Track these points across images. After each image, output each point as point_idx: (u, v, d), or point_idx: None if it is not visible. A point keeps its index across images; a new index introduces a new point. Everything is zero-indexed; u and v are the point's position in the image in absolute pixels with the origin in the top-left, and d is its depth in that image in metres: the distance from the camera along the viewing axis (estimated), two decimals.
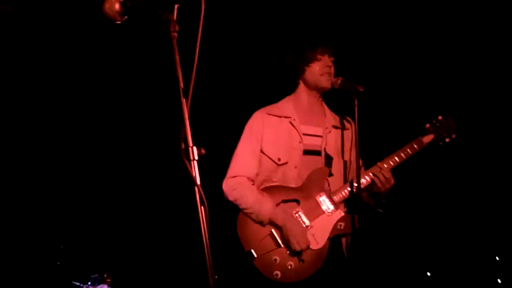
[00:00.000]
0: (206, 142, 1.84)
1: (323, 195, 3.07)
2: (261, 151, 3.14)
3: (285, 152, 3.12)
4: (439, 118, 3.18)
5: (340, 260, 3.11)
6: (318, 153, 3.16)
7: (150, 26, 1.93)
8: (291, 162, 3.11)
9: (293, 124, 3.17)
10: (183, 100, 1.75)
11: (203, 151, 1.75)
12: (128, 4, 1.84)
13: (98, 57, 4.17)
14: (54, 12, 3.78)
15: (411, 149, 3.10)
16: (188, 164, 1.71)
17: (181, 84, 1.76)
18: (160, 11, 1.80)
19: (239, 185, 3.08)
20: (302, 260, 2.97)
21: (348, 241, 3.16)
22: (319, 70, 3.12)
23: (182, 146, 1.73)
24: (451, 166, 4.35)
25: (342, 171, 3.19)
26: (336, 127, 3.25)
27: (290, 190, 3.08)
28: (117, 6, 1.85)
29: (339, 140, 3.23)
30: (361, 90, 2.92)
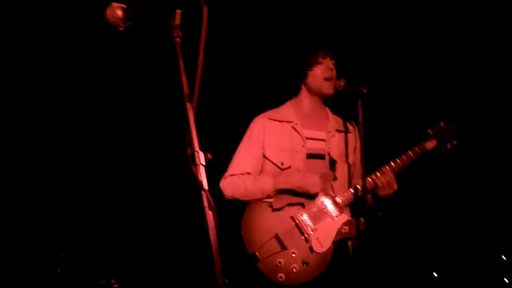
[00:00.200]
0: (212, 147, 1.84)
1: (328, 198, 3.07)
2: (264, 157, 3.14)
3: (288, 157, 3.11)
4: (441, 124, 3.23)
5: (347, 263, 3.10)
6: (322, 156, 3.15)
7: (153, 32, 1.92)
8: (295, 166, 3.10)
9: (295, 129, 3.16)
10: (188, 105, 1.75)
11: (210, 156, 1.74)
12: (131, 10, 1.85)
13: (103, 64, 4.17)
14: (57, 20, 3.79)
15: (415, 154, 3.14)
16: (195, 169, 1.70)
17: (185, 89, 1.76)
18: (163, 17, 1.80)
19: (234, 180, 3.10)
20: (306, 263, 2.96)
21: (354, 244, 3.15)
22: (321, 74, 3.12)
23: (189, 151, 1.72)
24: (457, 168, 4.35)
25: (346, 174, 3.18)
26: (339, 131, 3.24)
27: (294, 194, 3.07)
28: (119, 13, 1.85)
29: (343, 144, 3.21)
30: (364, 91, 2.92)
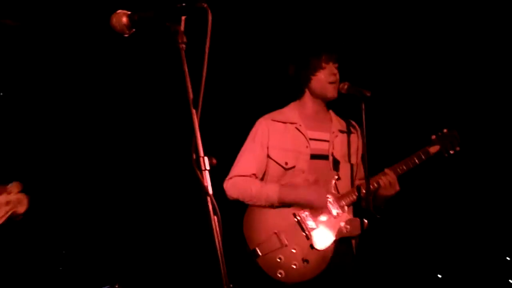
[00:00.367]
0: (216, 151, 1.85)
1: (330, 198, 3.09)
2: (268, 157, 3.15)
3: (292, 157, 3.13)
4: (445, 131, 3.25)
5: (349, 262, 3.12)
6: (326, 157, 3.17)
7: (158, 38, 1.94)
8: (299, 167, 3.12)
9: (299, 130, 3.18)
10: (193, 111, 1.76)
11: (215, 161, 1.75)
12: (136, 17, 1.86)
13: (108, 71, 4.19)
14: (63, 27, 3.81)
15: (418, 158, 3.17)
16: (200, 174, 1.72)
17: (190, 95, 1.77)
18: (167, 23, 1.82)
19: (240, 181, 3.11)
20: (306, 261, 2.98)
21: (357, 242, 3.18)
22: (324, 79, 3.12)
23: (194, 156, 1.73)
24: (461, 170, 4.34)
25: (350, 174, 3.20)
26: (342, 131, 3.26)
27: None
28: (124, 20, 1.87)
29: (346, 144, 3.24)
30: (368, 94, 2.94)
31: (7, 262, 3.88)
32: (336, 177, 3.13)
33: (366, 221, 3.02)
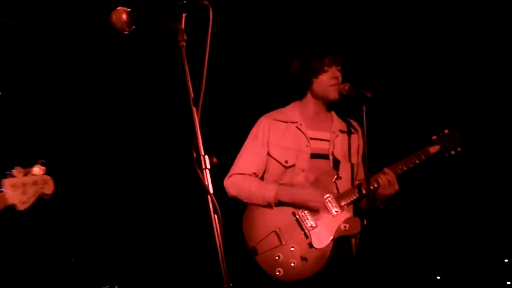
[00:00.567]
0: (217, 150, 1.84)
1: (329, 196, 3.09)
2: (268, 155, 3.16)
3: (292, 155, 3.13)
4: (446, 131, 3.25)
5: (348, 261, 3.12)
6: (326, 156, 3.17)
7: (159, 36, 1.92)
8: (299, 166, 3.12)
9: (300, 129, 3.18)
10: (194, 109, 1.75)
11: (215, 160, 1.75)
12: (136, 14, 1.85)
13: (108, 69, 4.18)
14: (62, 25, 3.80)
15: (418, 158, 3.16)
16: (200, 173, 1.71)
17: (191, 93, 1.76)
18: (168, 21, 1.80)
19: (239, 179, 3.13)
20: (305, 259, 2.99)
21: (357, 242, 3.18)
22: (326, 81, 3.12)
23: (194, 155, 1.72)
24: (461, 171, 4.34)
25: (350, 174, 3.20)
26: (343, 131, 3.26)
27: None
28: (124, 17, 1.85)
29: (346, 144, 3.23)
30: (369, 96, 2.93)
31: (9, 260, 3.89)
32: (336, 176, 3.13)
33: (365, 221, 3.03)
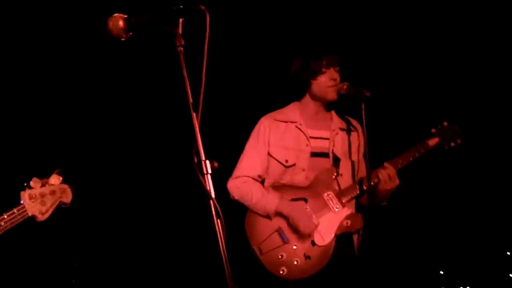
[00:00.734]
0: (217, 154, 1.84)
1: (330, 193, 3.10)
2: (269, 154, 3.17)
3: (292, 155, 3.15)
4: (445, 124, 3.26)
5: (350, 257, 3.14)
6: (326, 155, 3.18)
7: (156, 41, 1.92)
8: (299, 165, 3.14)
9: (299, 128, 3.20)
10: (193, 114, 1.74)
11: (216, 164, 1.74)
12: (132, 20, 1.84)
13: (107, 75, 4.18)
14: (60, 31, 3.79)
15: (418, 151, 3.18)
16: (202, 178, 1.70)
17: (190, 98, 1.76)
18: (165, 26, 1.80)
19: (244, 183, 3.14)
20: (308, 257, 3.00)
21: (359, 239, 3.19)
22: (324, 83, 3.12)
23: (195, 160, 1.72)
24: (463, 166, 4.35)
25: (351, 171, 3.21)
26: (343, 129, 3.27)
27: (298, 189, 3.12)
28: (120, 23, 1.84)
29: (346, 142, 3.24)
30: (367, 94, 2.94)
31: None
32: (336, 173, 3.14)
33: (367, 217, 3.04)
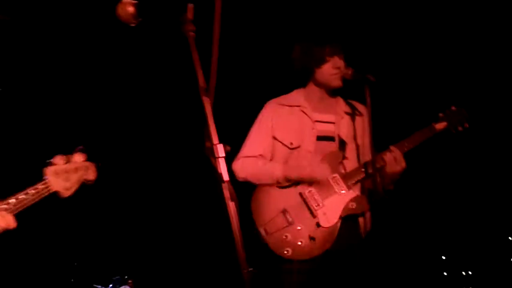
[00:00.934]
0: (228, 137, 1.86)
1: (336, 176, 3.11)
2: (274, 138, 3.19)
3: (297, 137, 3.16)
4: (452, 108, 3.25)
5: (356, 241, 3.14)
6: (332, 139, 3.19)
7: (167, 27, 1.92)
8: (304, 148, 3.15)
9: (305, 112, 3.21)
10: (205, 99, 1.76)
11: (228, 148, 1.76)
12: (142, 6, 1.84)
13: (119, 62, 4.16)
14: (68, 19, 3.77)
15: (424, 135, 3.17)
16: (215, 162, 1.72)
17: (201, 83, 1.77)
18: (175, 12, 1.80)
19: (247, 162, 3.16)
20: (313, 238, 3.01)
21: (366, 223, 3.20)
22: (328, 71, 3.12)
23: (208, 144, 1.74)
24: (469, 164, 4.36)
25: (356, 155, 3.21)
26: (348, 113, 3.27)
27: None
28: (130, 9, 1.85)
29: (352, 126, 3.24)
30: (372, 80, 2.93)
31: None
32: (342, 157, 3.15)
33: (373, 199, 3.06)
